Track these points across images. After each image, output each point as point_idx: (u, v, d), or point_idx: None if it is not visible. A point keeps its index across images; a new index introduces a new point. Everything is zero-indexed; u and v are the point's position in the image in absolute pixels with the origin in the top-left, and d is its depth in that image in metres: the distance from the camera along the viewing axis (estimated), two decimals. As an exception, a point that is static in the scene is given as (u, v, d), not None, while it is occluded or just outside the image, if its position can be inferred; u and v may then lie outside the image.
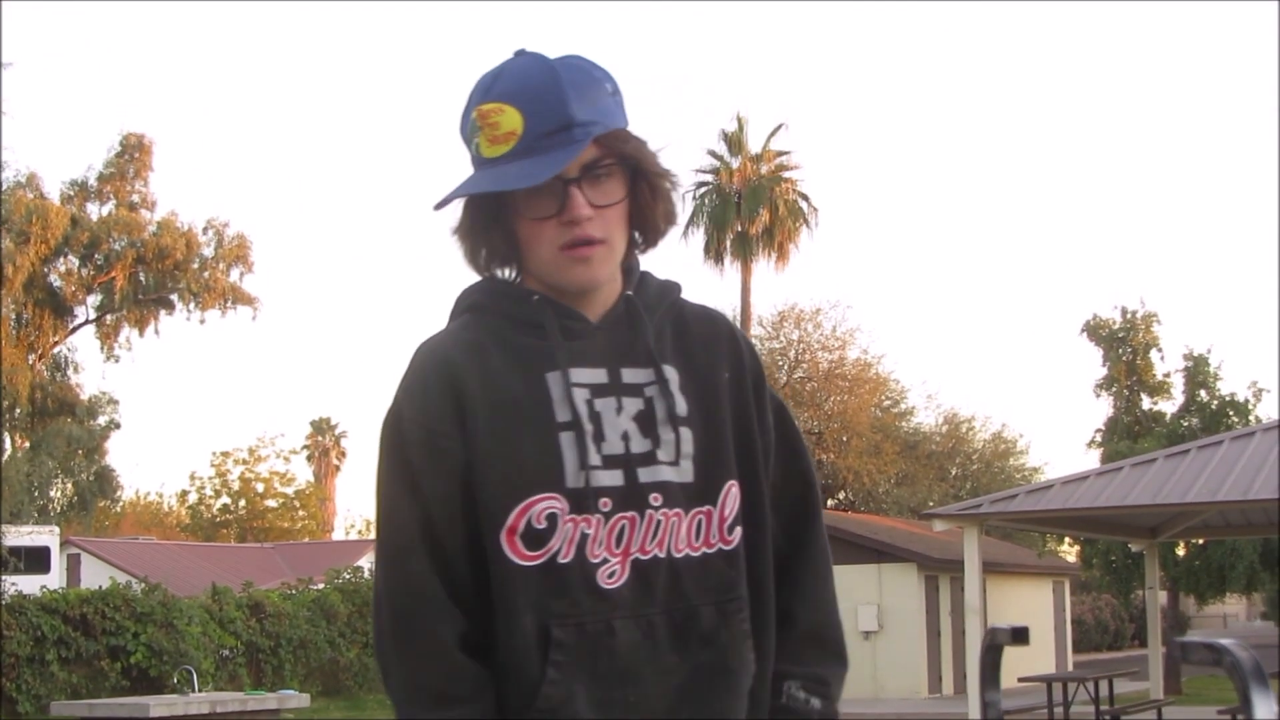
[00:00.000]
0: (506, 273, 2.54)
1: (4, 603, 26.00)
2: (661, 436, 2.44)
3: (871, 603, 33.07)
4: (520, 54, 2.47)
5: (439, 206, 2.45)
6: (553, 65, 2.41)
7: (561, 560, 2.36)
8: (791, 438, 2.66)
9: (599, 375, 2.43)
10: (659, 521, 2.41)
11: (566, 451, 2.38)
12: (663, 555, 2.40)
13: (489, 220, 2.47)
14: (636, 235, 2.54)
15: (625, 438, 2.42)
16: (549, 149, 2.35)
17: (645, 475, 2.42)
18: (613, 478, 2.40)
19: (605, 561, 2.38)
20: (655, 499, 2.41)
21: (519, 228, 2.45)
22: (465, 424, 2.39)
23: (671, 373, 2.48)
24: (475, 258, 2.52)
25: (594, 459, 2.39)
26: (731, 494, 2.47)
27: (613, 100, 2.47)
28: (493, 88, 2.42)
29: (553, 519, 2.36)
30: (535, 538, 2.36)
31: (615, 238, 2.45)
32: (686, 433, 2.46)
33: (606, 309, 2.49)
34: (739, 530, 2.48)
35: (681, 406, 2.47)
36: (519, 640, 2.37)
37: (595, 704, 2.37)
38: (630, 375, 2.46)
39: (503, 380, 2.41)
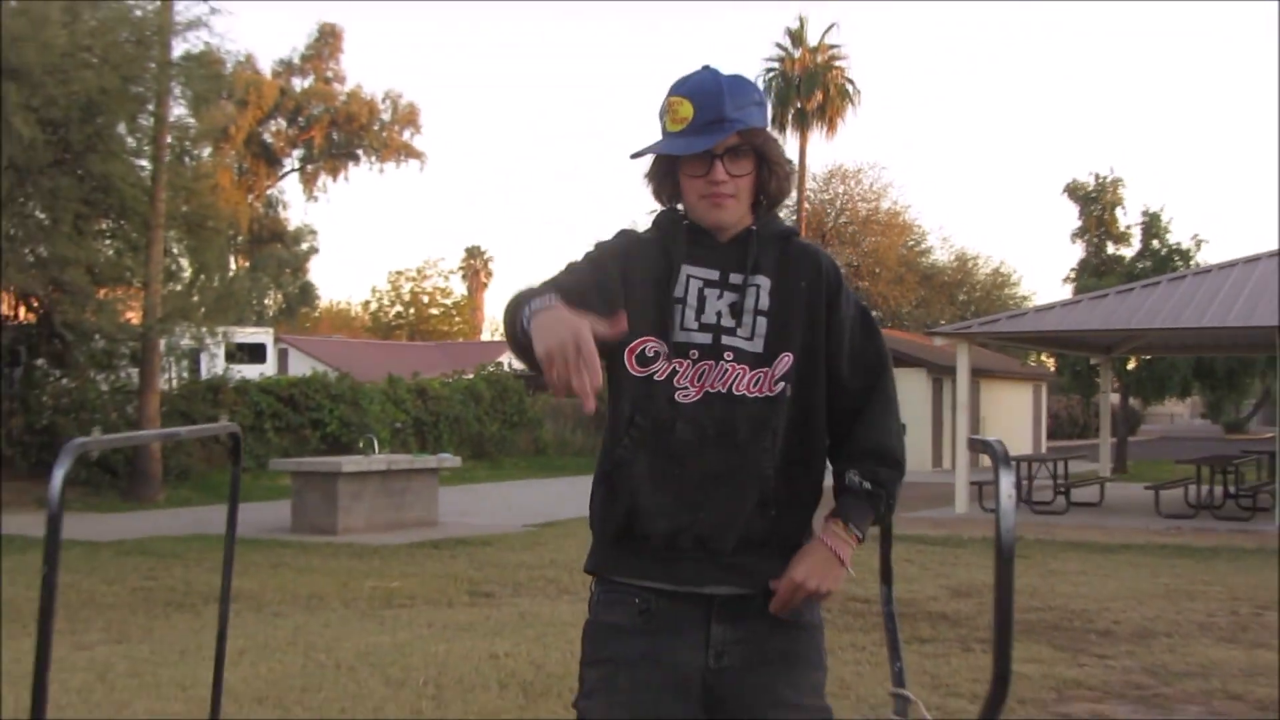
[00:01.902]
0: (680, 206, 2.98)
1: (232, 385, 26.83)
2: (744, 320, 2.87)
3: (890, 398, 33.47)
4: (705, 69, 2.90)
5: (635, 156, 2.92)
6: (721, 80, 2.84)
7: (656, 378, 2.83)
8: (869, 327, 2.99)
9: (712, 274, 2.88)
10: (727, 369, 2.82)
11: (677, 316, 2.86)
12: (724, 390, 2.83)
13: (664, 172, 2.95)
14: (762, 198, 2.97)
15: (718, 315, 2.86)
16: (707, 133, 2.80)
17: (726, 340, 2.86)
18: (703, 337, 2.84)
19: (685, 389, 2.83)
20: (728, 355, 2.84)
21: (681, 180, 2.89)
22: (626, 274, 2.86)
23: (764, 280, 2.89)
24: (656, 195, 3.01)
25: (691, 324, 2.86)
26: (784, 362, 2.86)
27: (758, 109, 2.89)
28: (680, 87, 2.86)
29: (656, 354, 2.84)
30: (644, 360, 2.84)
31: (742, 196, 2.88)
32: (762, 321, 2.87)
33: (734, 235, 2.91)
34: (783, 385, 2.85)
35: (764, 303, 2.88)
36: (619, 420, 2.87)
37: (651, 469, 2.80)
38: (734, 278, 2.88)
39: (652, 264, 2.90)
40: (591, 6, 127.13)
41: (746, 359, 2.85)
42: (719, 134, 2.80)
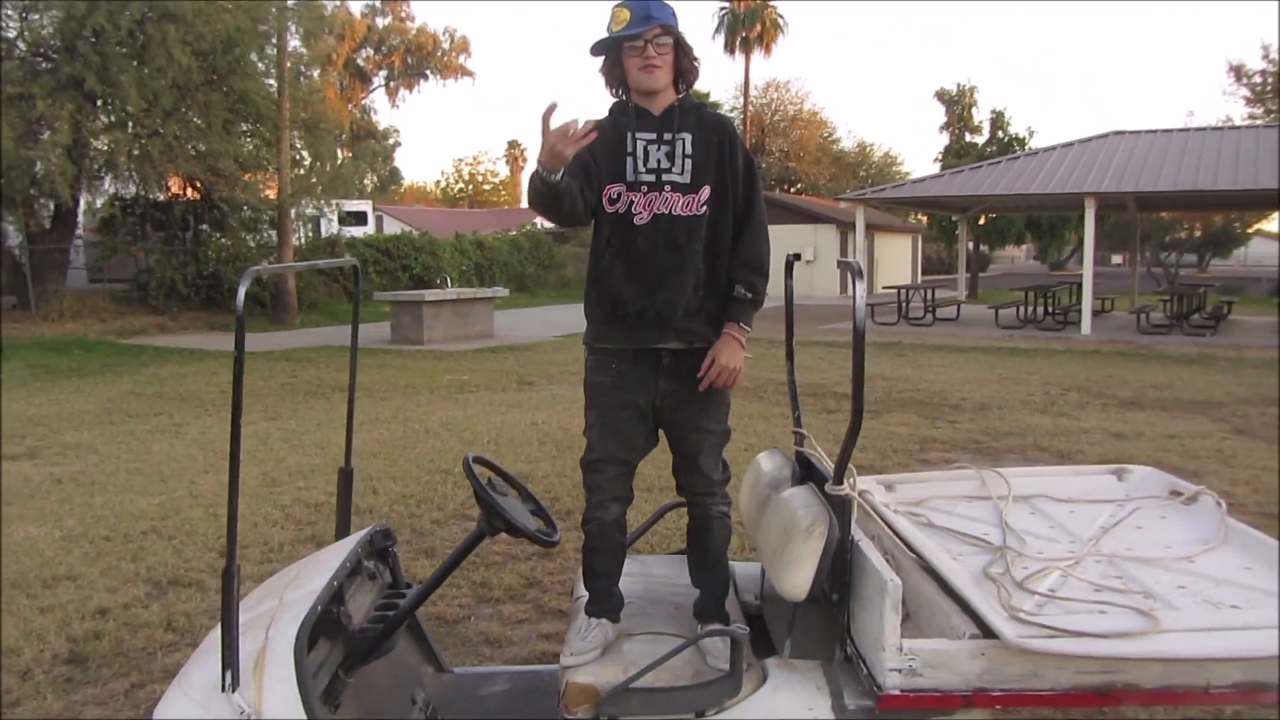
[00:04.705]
0: (621, 94, 3.01)
1: (344, 241, 26.73)
2: (676, 163, 2.94)
3: (810, 245, 33.26)
4: None
5: (594, 45, 2.95)
6: None
7: (620, 211, 2.92)
8: (750, 174, 3.01)
9: (652, 135, 2.94)
10: (668, 197, 2.91)
11: (629, 166, 2.92)
12: (666, 212, 2.91)
13: (613, 63, 2.97)
14: (680, 84, 3.01)
15: (659, 161, 2.93)
16: (640, 25, 2.88)
17: (666, 178, 2.92)
18: (649, 177, 2.92)
19: (640, 214, 2.91)
20: (668, 188, 2.92)
21: (625, 61, 2.94)
22: (595, 149, 2.82)
23: (687, 136, 2.95)
24: (607, 81, 3.02)
25: (641, 169, 2.92)
26: (704, 191, 2.93)
27: (674, 17, 2.93)
28: (621, 3, 2.92)
29: (620, 194, 2.92)
30: (613, 200, 2.93)
31: (665, 68, 2.92)
32: (689, 162, 2.93)
33: (664, 109, 2.97)
34: (706, 207, 2.93)
35: (689, 150, 2.94)
36: (600, 242, 2.96)
37: (625, 273, 2.92)
38: (667, 136, 2.94)
39: (612, 134, 2.94)
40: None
41: (679, 189, 2.92)
42: (648, 24, 2.88)
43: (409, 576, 4.86)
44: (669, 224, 2.93)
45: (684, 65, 2.99)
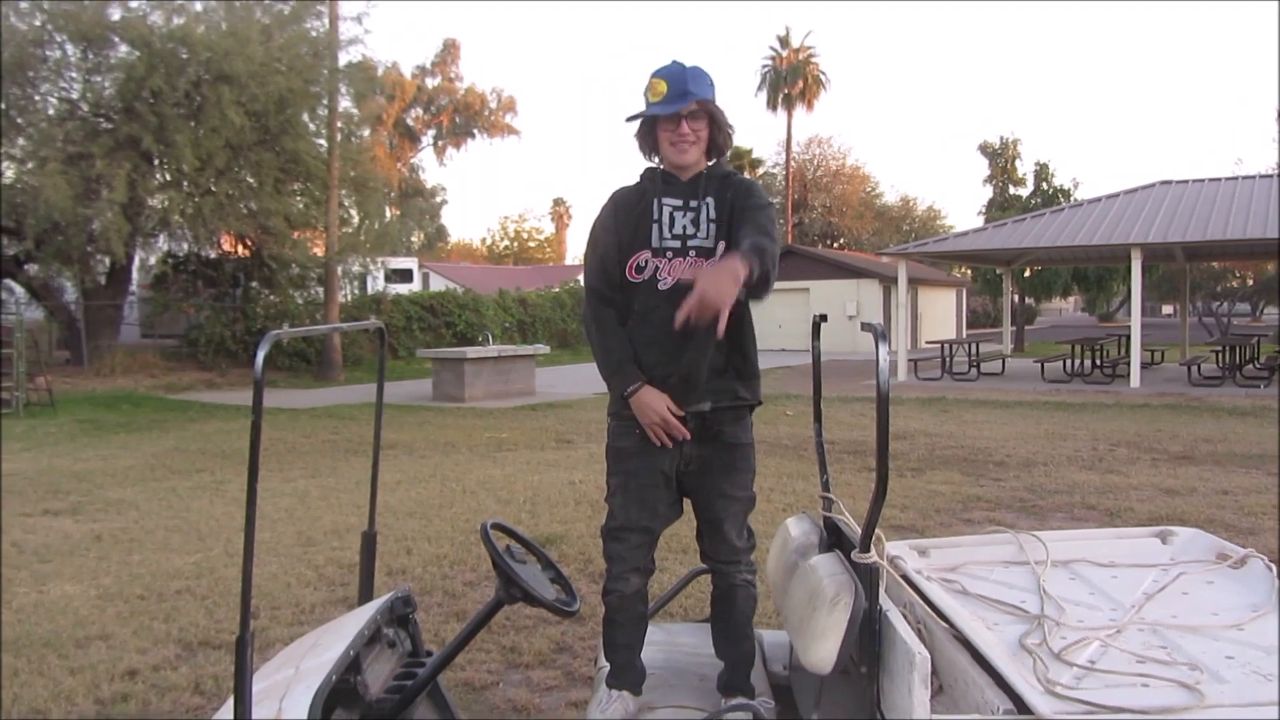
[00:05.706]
0: (654, 159, 3.02)
1: (389, 298, 27.07)
2: (700, 228, 2.92)
3: (853, 300, 33.07)
4: (674, 62, 2.95)
5: (630, 119, 2.96)
6: (685, 68, 2.91)
7: (645, 279, 2.92)
8: (768, 210, 2.96)
9: (678, 202, 2.94)
10: (692, 261, 2.90)
11: (654, 232, 2.92)
12: (689, 278, 2.80)
13: (646, 132, 2.98)
14: (712, 154, 3.01)
15: (684, 227, 2.92)
16: (676, 101, 2.87)
17: (691, 243, 2.91)
18: (675, 243, 2.91)
19: (665, 279, 2.90)
20: (692, 252, 2.91)
21: (659, 134, 2.95)
22: (618, 221, 2.92)
23: (711, 200, 2.94)
24: (641, 148, 3.02)
25: (667, 235, 2.91)
26: (721, 249, 2.90)
27: (710, 88, 2.93)
28: (659, 73, 2.91)
29: (646, 261, 2.91)
30: (639, 269, 2.92)
31: (700, 144, 2.95)
32: (712, 226, 2.92)
33: (693, 175, 2.97)
34: None
35: (713, 214, 2.93)
36: (626, 308, 2.96)
37: (648, 339, 2.90)
38: (693, 202, 2.94)
39: (636, 202, 2.95)
40: (638, 19, 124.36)
41: (704, 253, 2.90)
42: (683, 101, 2.86)
43: (439, 640, 4.80)
44: (691, 287, 2.88)
45: (718, 140, 2.99)
